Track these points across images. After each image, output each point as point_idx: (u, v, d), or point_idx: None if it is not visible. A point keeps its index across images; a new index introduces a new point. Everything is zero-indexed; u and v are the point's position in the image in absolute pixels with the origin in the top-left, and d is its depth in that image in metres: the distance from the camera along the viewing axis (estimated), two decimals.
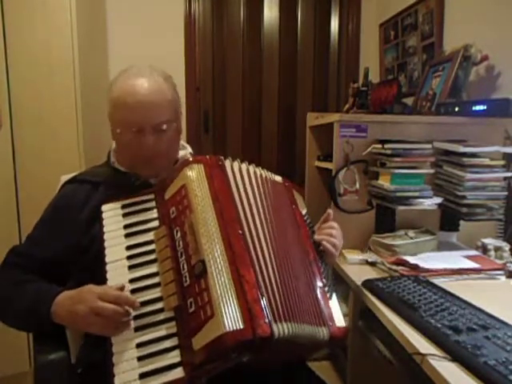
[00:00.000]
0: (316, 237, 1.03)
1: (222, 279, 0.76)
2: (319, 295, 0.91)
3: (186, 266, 0.80)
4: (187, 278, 0.79)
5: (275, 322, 0.75)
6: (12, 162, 1.84)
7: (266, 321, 0.73)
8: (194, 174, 0.89)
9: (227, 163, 0.94)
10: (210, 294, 0.74)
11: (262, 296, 0.76)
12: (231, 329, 0.70)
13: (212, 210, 0.84)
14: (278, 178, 1.05)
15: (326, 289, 0.94)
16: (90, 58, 2.09)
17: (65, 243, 0.97)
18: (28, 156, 1.86)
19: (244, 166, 0.98)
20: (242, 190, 0.91)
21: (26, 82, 1.82)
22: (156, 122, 0.99)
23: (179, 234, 0.84)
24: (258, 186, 0.96)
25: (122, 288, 0.83)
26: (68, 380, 0.92)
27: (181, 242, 0.83)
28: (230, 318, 0.72)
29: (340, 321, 0.91)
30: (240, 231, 0.83)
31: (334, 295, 0.95)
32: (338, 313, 0.92)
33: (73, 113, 1.88)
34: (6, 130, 1.81)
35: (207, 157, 0.92)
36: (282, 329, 0.76)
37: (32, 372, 0.92)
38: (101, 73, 2.36)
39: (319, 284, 0.94)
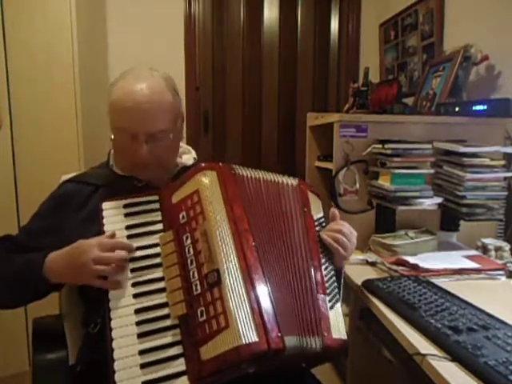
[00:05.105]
0: (323, 236, 0.98)
1: (237, 290, 0.75)
2: (316, 304, 0.86)
3: (196, 274, 0.78)
4: (198, 287, 0.77)
5: (286, 335, 0.75)
6: (12, 162, 1.84)
7: (279, 334, 0.74)
8: (208, 181, 0.86)
9: (238, 171, 0.92)
10: (225, 305, 0.73)
11: (275, 309, 0.76)
12: (247, 341, 0.70)
13: (226, 219, 0.82)
14: (292, 181, 1.01)
15: (328, 298, 0.89)
16: (89, 57, 2.09)
17: (59, 239, 0.95)
18: (28, 156, 1.86)
19: (249, 172, 0.94)
20: (253, 199, 0.90)
21: (25, 82, 1.82)
22: (151, 130, 0.96)
23: (189, 241, 0.82)
24: (266, 194, 0.94)
25: (113, 235, 0.85)
26: (66, 380, 0.91)
27: (191, 249, 0.81)
28: (246, 329, 0.71)
29: (338, 332, 0.86)
30: (253, 243, 0.82)
31: (338, 305, 0.91)
32: (337, 323, 0.87)
33: (73, 113, 1.89)
34: (5, 130, 1.81)
35: (220, 164, 0.90)
36: (292, 342, 0.76)
37: (31, 372, 0.92)
38: (101, 73, 2.36)
39: (320, 293, 0.89)
